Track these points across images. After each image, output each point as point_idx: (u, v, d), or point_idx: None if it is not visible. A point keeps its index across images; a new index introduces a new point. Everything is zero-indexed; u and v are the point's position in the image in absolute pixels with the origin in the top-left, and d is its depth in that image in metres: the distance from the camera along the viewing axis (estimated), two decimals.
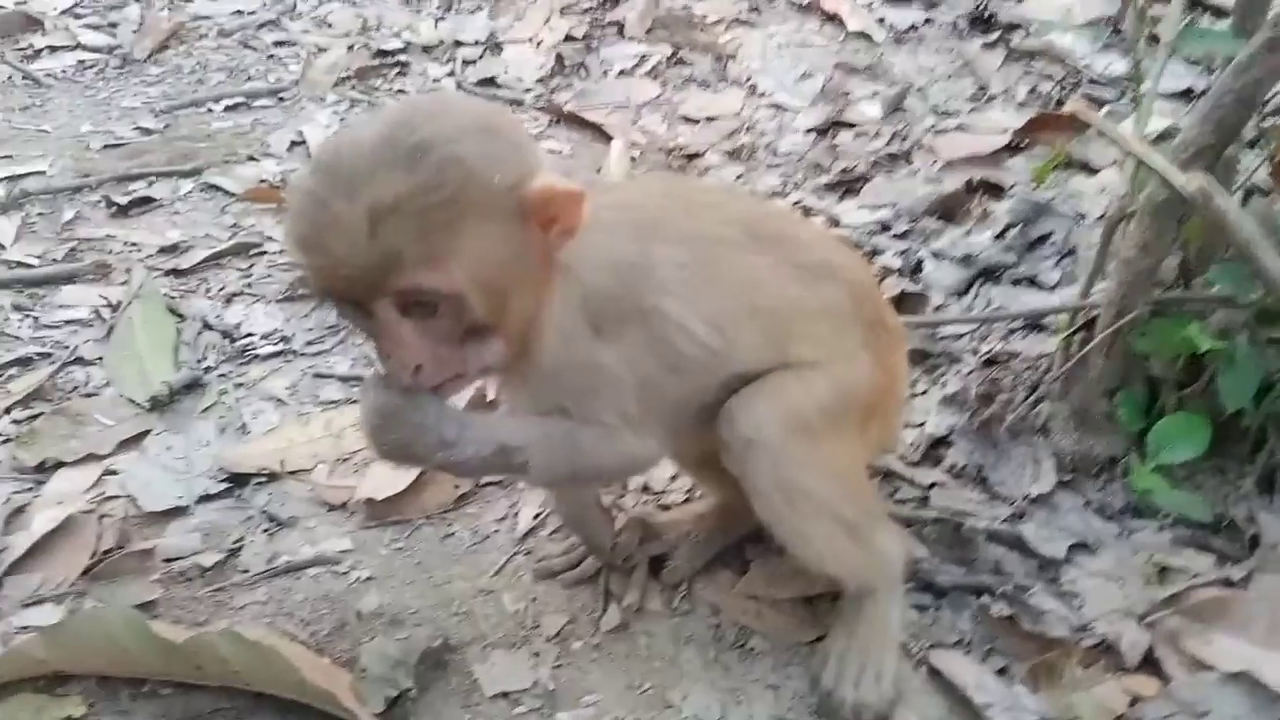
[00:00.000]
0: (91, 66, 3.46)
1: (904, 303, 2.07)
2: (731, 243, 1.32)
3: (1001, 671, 1.39)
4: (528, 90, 3.29)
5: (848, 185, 2.61)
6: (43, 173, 2.86)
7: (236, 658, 1.37)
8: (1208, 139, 1.38)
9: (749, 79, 3.22)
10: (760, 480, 1.31)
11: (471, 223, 1.05)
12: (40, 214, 2.67)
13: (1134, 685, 1.34)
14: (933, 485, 1.68)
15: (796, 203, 2.58)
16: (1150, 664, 1.38)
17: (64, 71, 3.42)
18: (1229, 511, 1.55)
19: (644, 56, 3.34)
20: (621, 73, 3.30)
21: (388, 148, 1.02)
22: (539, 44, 3.49)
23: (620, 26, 3.51)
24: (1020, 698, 1.32)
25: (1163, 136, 1.73)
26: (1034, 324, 1.96)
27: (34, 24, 3.64)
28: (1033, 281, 2.11)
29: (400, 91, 3.43)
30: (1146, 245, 1.47)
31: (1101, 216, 1.96)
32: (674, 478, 1.81)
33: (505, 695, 1.43)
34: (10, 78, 3.34)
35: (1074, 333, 1.66)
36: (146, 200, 2.74)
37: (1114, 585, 1.47)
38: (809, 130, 2.89)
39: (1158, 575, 1.48)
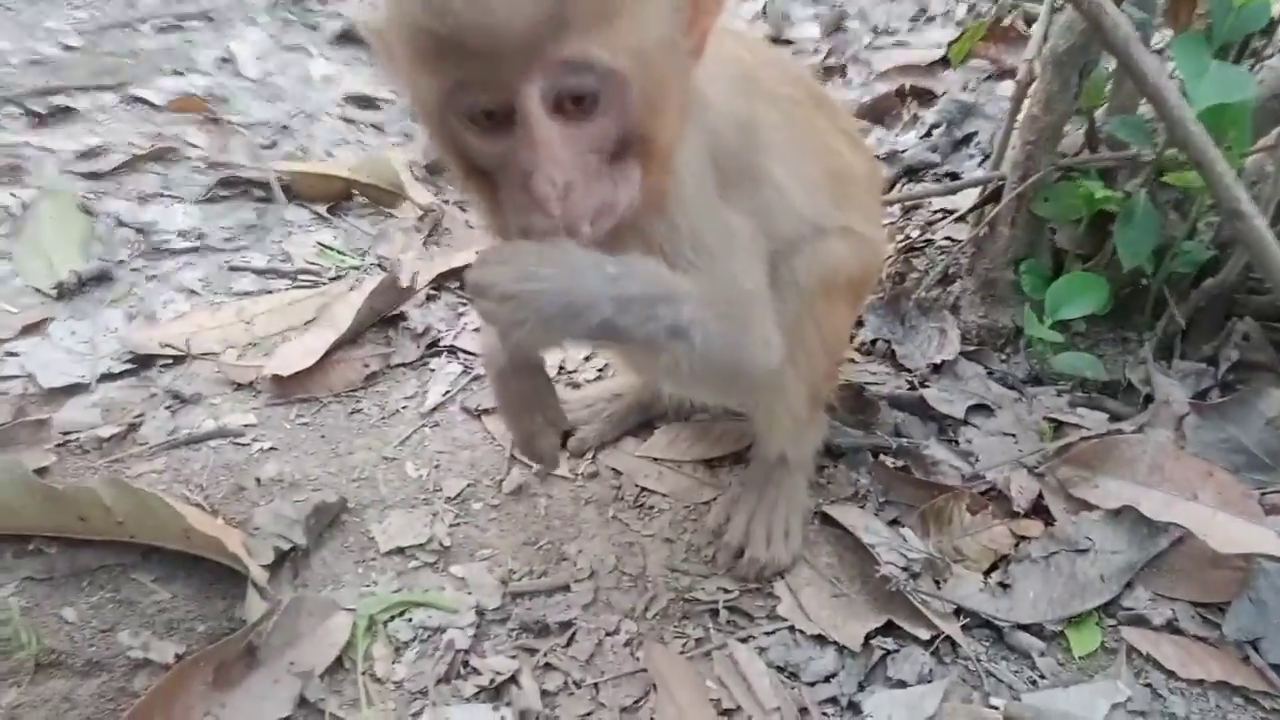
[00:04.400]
0: None
1: None
2: (803, 103, 1.25)
3: (894, 522, 1.40)
4: None
5: None
6: None
7: (120, 507, 1.34)
8: None
9: None
10: None
11: None
12: None
13: (1021, 528, 1.35)
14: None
15: None
16: (1040, 511, 1.39)
17: None
18: (1127, 375, 1.56)
19: None
20: None
21: None
22: None
23: None
24: (908, 539, 1.32)
25: None
26: (952, 214, 1.96)
27: None
28: (955, 177, 2.11)
29: (336, 13, 3.37)
30: (1049, 100, 1.47)
31: None
32: (587, 358, 1.80)
33: (400, 550, 1.42)
34: None
35: (983, 204, 1.66)
36: (67, 111, 2.67)
37: (1009, 441, 1.48)
38: None
39: (1052, 432, 1.49)
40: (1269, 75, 1.48)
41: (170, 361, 1.79)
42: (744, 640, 1.27)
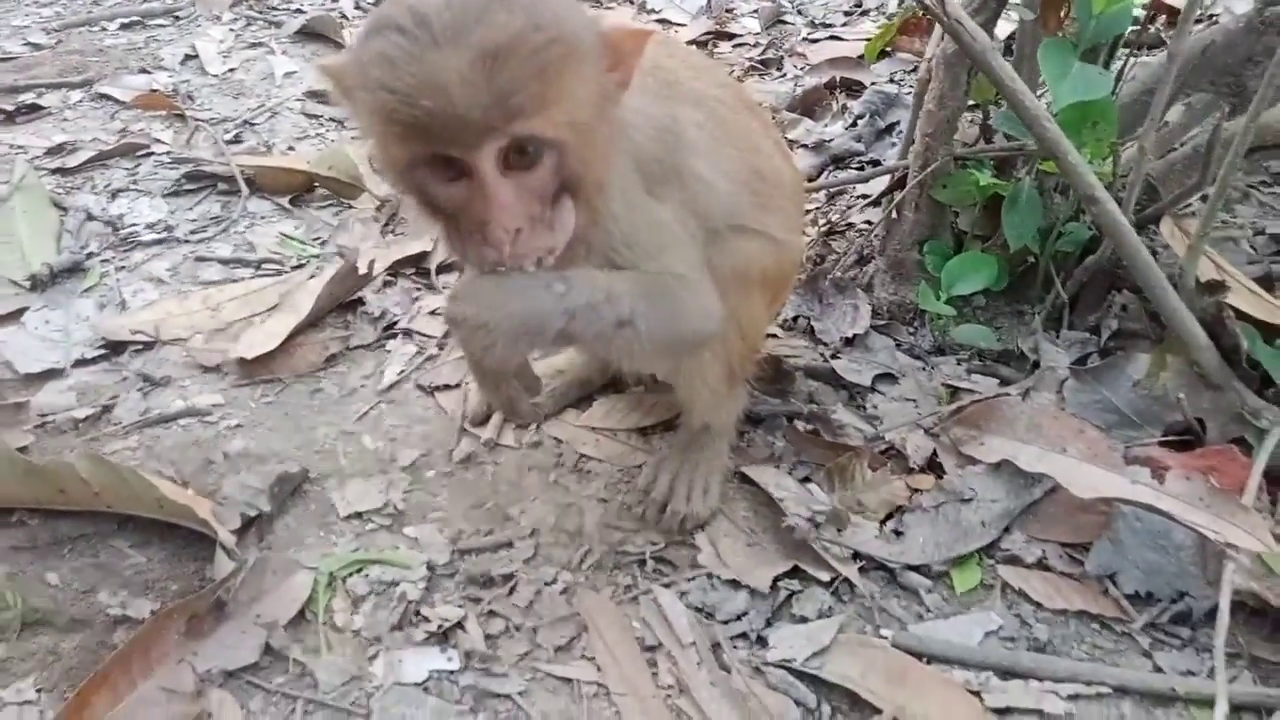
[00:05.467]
0: None
1: None
2: (730, 105, 1.39)
3: (805, 480, 1.55)
4: None
5: None
6: None
7: (97, 479, 1.46)
8: None
9: None
10: None
11: (572, 63, 1.01)
12: None
13: (916, 482, 1.51)
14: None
15: None
16: (934, 466, 1.54)
17: None
18: (1019, 345, 1.72)
19: None
20: None
21: None
22: None
23: None
24: (814, 493, 1.48)
25: None
26: (871, 199, 2.11)
27: None
28: (877, 164, 2.26)
29: (298, 10, 3.46)
30: (943, 97, 1.62)
31: None
32: None
33: (359, 515, 1.55)
34: None
35: (891, 190, 1.80)
36: (35, 108, 2.77)
37: (910, 405, 1.64)
38: (690, 41, 3.00)
39: (949, 396, 1.65)
40: (1141, 72, 1.64)
41: (141, 347, 1.91)
42: (667, 586, 1.41)
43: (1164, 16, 2.44)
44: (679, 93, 1.30)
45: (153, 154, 2.57)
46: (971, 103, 1.72)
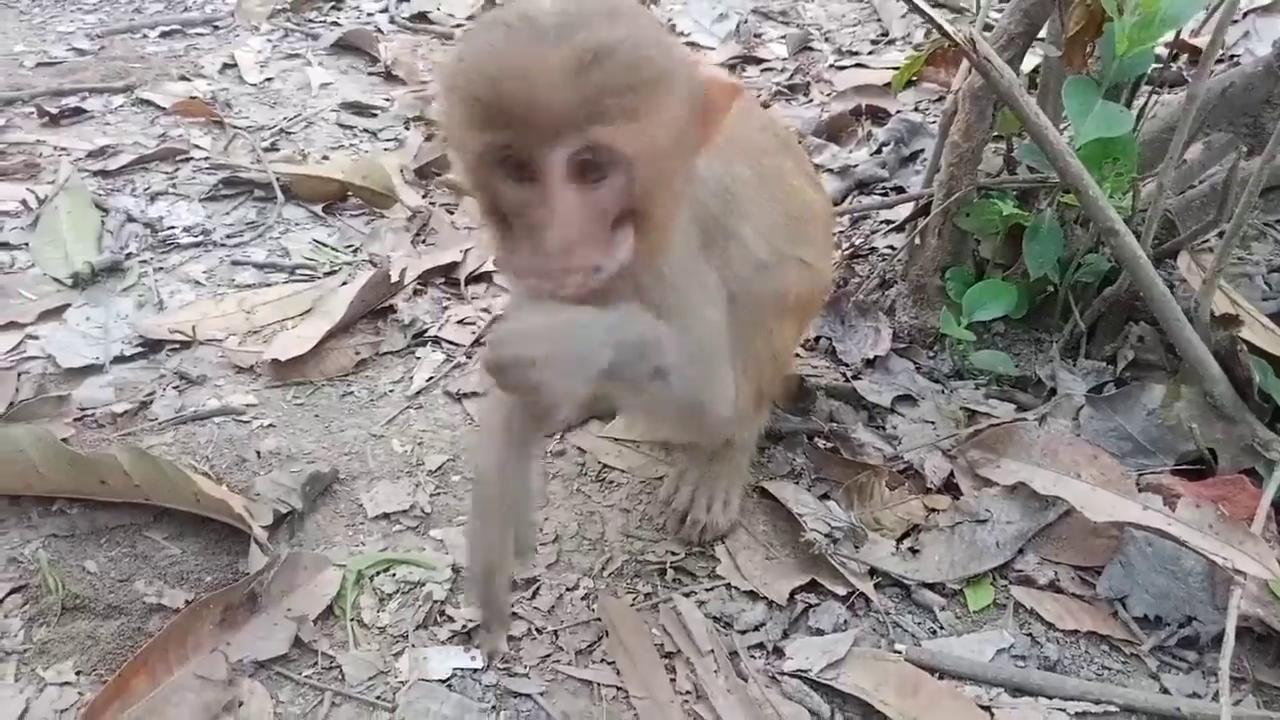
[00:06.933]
0: None
1: None
2: (771, 151, 1.42)
3: (824, 496, 1.58)
4: (458, 25, 3.42)
5: None
6: None
7: (137, 471, 1.51)
8: (1018, 28, 1.57)
9: (669, 20, 3.39)
10: None
11: (663, 89, 0.99)
12: None
13: (932, 502, 1.55)
14: None
15: None
16: (950, 487, 1.58)
17: None
18: (1037, 371, 1.75)
19: None
20: None
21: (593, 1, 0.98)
22: None
23: None
24: (832, 510, 1.51)
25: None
26: (894, 224, 2.16)
27: None
28: (900, 191, 2.31)
29: (334, 24, 3.54)
30: (968, 129, 1.66)
31: None
32: None
33: (386, 516, 1.59)
34: None
35: (915, 217, 1.85)
36: (78, 111, 2.85)
37: (928, 427, 1.67)
38: (719, 65, 3.06)
39: (966, 420, 1.69)
40: (1163, 111, 1.68)
41: (178, 346, 1.96)
42: (687, 595, 1.45)
43: (1185, 55, 2.48)
44: (735, 147, 1.30)
45: (191, 159, 2.64)
46: (996, 134, 1.76)
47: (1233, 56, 2.43)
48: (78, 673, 1.33)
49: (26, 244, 2.25)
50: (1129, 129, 1.41)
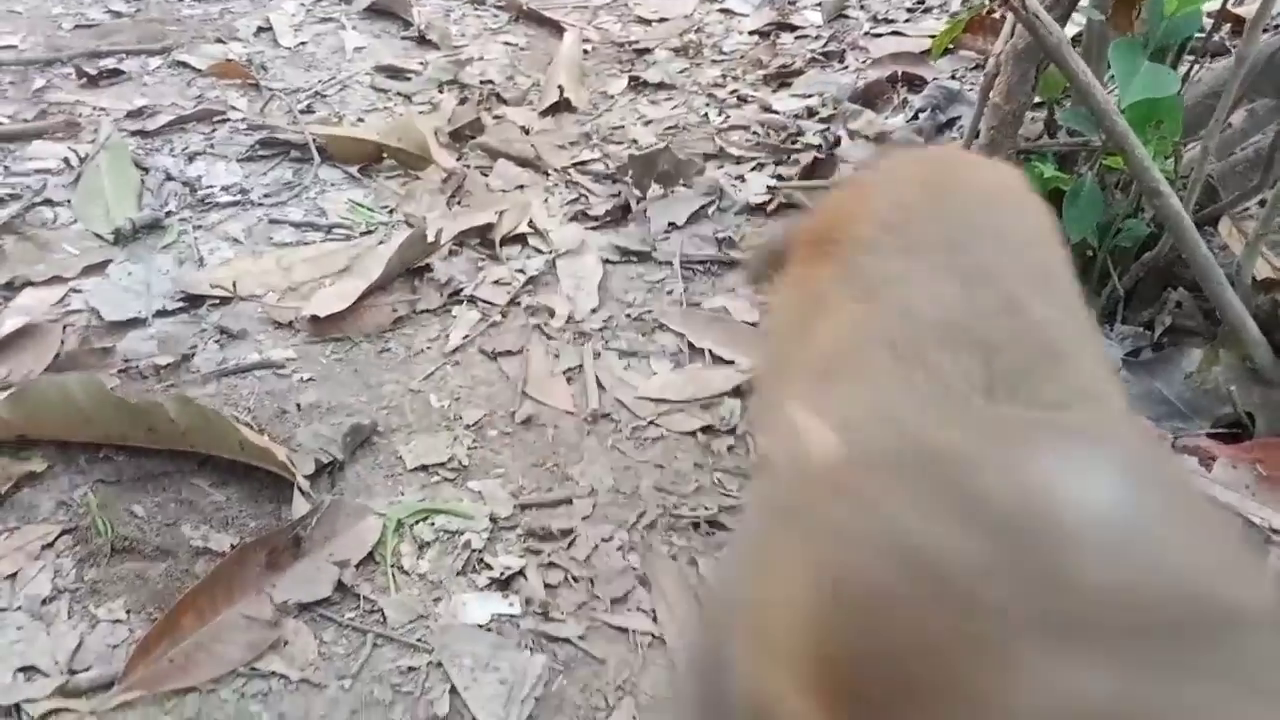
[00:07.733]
0: None
1: (816, 167, 2.25)
2: None
3: None
4: None
5: (783, 78, 2.78)
6: (14, 47, 2.98)
7: (184, 419, 1.55)
8: None
9: None
10: None
11: None
12: (11, 83, 2.80)
13: None
14: None
15: (733, 92, 2.74)
16: None
17: None
18: None
19: None
20: None
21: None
22: None
23: None
24: None
25: None
26: None
27: None
28: None
29: None
30: (1010, 90, 1.65)
31: None
32: (594, 310, 1.99)
33: (424, 468, 1.62)
34: None
35: None
36: (116, 73, 2.87)
37: None
38: (752, 32, 3.05)
39: None
40: (1208, 75, 1.66)
41: (218, 301, 1.99)
42: (719, 547, 1.47)
43: (1229, 25, 2.45)
44: None
45: (228, 120, 2.66)
46: (1037, 101, 1.75)
47: (1278, 26, 2.39)
48: (128, 611, 1.37)
49: (69, 201, 2.28)
50: (1175, 90, 1.40)
